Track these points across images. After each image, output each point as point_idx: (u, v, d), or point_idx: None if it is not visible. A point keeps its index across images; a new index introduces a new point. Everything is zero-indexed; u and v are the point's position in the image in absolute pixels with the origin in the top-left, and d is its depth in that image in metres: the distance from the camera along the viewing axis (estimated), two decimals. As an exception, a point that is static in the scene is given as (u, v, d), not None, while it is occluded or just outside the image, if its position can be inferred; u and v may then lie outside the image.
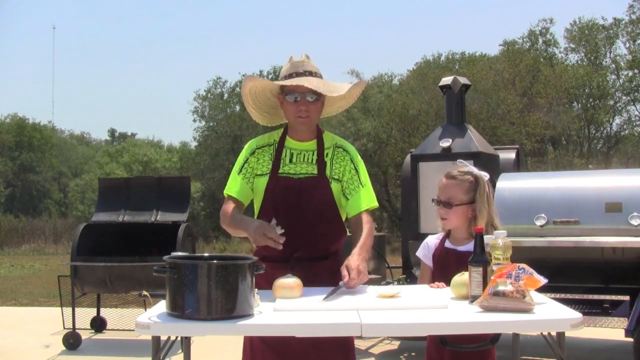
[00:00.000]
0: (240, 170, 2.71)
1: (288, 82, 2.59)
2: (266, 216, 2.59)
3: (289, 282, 2.32)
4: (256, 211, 2.72)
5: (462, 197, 2.65)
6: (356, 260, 2.45)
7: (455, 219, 2.65)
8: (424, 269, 2.80)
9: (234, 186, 2.71)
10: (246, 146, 2.77)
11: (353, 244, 2.60)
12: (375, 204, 2.75)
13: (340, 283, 2.39)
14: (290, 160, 2.68)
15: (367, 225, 2.65)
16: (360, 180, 2.70)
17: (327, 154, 2.70)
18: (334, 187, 2.66)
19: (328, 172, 2.67)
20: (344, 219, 2.75)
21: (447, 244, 2.71)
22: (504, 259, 2.24)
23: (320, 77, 2.68)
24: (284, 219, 2.54)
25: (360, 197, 2.68)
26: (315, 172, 2.65)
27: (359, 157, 2.78)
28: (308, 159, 2.68)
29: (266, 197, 2.65)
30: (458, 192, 2.65)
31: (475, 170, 2.71)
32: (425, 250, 2.78)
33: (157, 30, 71.20)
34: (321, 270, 2.58)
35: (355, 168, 2.72)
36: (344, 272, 2.40)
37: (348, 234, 2.76)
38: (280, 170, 2.66)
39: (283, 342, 2.45)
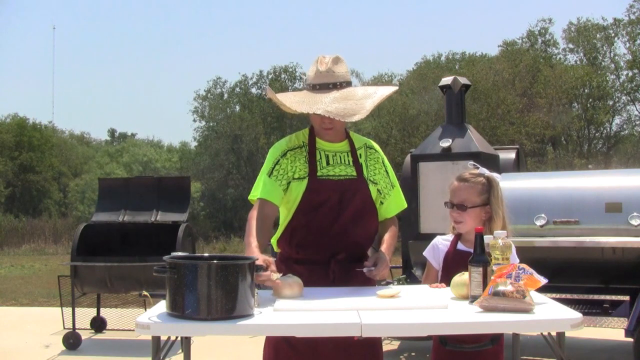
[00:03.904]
0: (271, 173, 2.61)
1: (304, 109, 2.53)
2: (303, 219, 2.59)
3: (289, 281, 2.32)
4: (289, 216, 2.63)
5: (476, 199, 2.62)
6: (385, 257, 2.59)
7: (470, 221, 2.61)
8: (429, 270, 2.77)
9: (263, 188, 2.61)
10: (274, 149, 2.70)
11: (378, 240, 2.73)
12: (404, 204, 2.83)
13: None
14: (328, 163, 2.65)
15: (393, 227, 2.76)
16: (391, 182, 2.77)
17: (360, 154, 2.71)
18: (371, 189, 2.68)
19: (365, 174, 2.68)
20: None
21: (460, 246, 2.66)
22: (503, 259, 2.24)
23: (348, 84, 2.61)
24: (323, 220, 2.57)
25: (392, 202, 2.76)
26: (354, 173, 2.65)
27: (384, 154, 2.82)
28: (344, 160, 2.67)
29: (305, 200, 2.59)
30: (471, 195, 2.63)
31: (486, 172, 2.70)
32: (434, 251, 2.74)
33: (157, 30, 71.09)
34: (357, 271, 2.57)
35: (386, 170, 2.76)
36: (372, 261, 2.54)
37: None
38: (319, 173, 2.62)
39: (310, 345, 2.44)
